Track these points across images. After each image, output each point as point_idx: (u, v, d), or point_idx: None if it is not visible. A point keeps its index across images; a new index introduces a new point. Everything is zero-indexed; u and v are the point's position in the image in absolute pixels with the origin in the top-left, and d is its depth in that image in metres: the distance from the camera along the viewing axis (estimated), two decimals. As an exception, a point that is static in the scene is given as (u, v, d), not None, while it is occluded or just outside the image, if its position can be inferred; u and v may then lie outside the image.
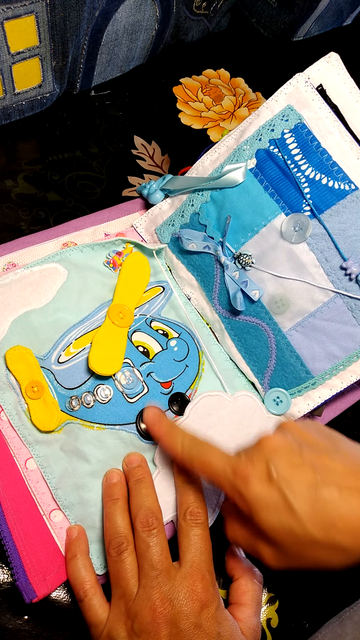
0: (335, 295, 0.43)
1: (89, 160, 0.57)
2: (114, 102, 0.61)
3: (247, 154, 0.45)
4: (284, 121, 0.44)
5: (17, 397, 0.42)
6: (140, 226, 0.51)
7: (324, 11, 0.67)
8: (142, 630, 0.33)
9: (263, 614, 0.42)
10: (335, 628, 0.40)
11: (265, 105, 0.44)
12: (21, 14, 0.44)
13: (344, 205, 0.42)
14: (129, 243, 0.49)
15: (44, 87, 0.53)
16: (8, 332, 0.43)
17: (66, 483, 0.40)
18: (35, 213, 0.52)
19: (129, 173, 0.57)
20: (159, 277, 0.50)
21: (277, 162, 0.44)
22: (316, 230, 0.43)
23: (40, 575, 0.37)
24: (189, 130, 0.62)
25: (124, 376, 0.44)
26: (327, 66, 0.43)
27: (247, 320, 0.46)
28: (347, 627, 0.40)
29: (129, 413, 0.43)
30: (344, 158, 0.42)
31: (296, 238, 0.43)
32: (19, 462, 0.41)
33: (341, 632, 0.40)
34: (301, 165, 0.43)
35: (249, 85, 0.68)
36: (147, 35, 0.58)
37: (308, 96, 0.43)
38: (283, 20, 0.68)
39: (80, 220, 0.51)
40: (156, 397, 0.44)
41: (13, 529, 0.38)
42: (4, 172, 0.53)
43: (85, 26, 0.51)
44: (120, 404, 0.43)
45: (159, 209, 0.50)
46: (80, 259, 0.47)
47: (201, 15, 0.63)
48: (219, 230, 0.47)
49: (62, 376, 0.43)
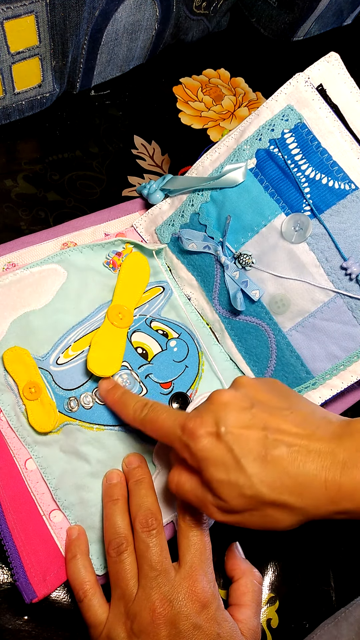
0: (336, 295, 0.43)
1: (88, 160, 0.57)
2: (114, 101, 0.61)
3: (247, 153, 0.45)
4: (284, 121, 0.44)
5: (15, 398, 0.42)
6: (140, 226, 0.51)
7: (324, 11, 0.67)
8: (142, 631, 0.33)
9: (263, 614, 0.42)
10: (331, 629, 0.40)
11: (265, 105, 0.44)
12: (21, 13, 0.44)
13: (344, 205, 0.42)
14: (129, 243, 0.49)
15: (43, 87, 0.53)
16: (7, 333, 0.43)
17: (66, 483, 0.40)
18: (35, 213, 0.52)
19: (129, 173, 0.57)
20: (159, 277, 0.50)
21: (277, 162, 0.44)
22: (316, 230, 0.42)
23: (40, 576, 0.37)
24: (189, 130, 0.62)
25: (121, 379, 0.44)
26: (327, 66, 0.43)
27: (247, 321, 0.46)
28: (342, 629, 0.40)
29: (129, 413, 0.43)
30: (344, 158, 0.42)
31: (296, 238, 0.43)
32: (19, 463, 0.41)
33: (337, 633, 0.40)
34: (301, 165, 0.43)
35: (249, 85, 0.68)
36: (147, 35, 0.58)
37: (308, 96, 0.43)
38: (283, 20, 0.68)
39: (80, 220, 0.51)
40: (156, 398, 0.44)
41: (13, 529, 0.38)
42: (4, 171, 0.53)
43: (85, 26, 0.51)
44: (120, 405, 0.43)
45: (159, 209, 0.50)
46: (80, 259, 0.47)
47: (201, 15, 0.63)
48: (219, 230, 0.47)
49: (60, 377, 0.43)
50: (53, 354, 0.44)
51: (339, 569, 0.45)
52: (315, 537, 0.46)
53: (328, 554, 0.45)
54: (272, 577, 0.43)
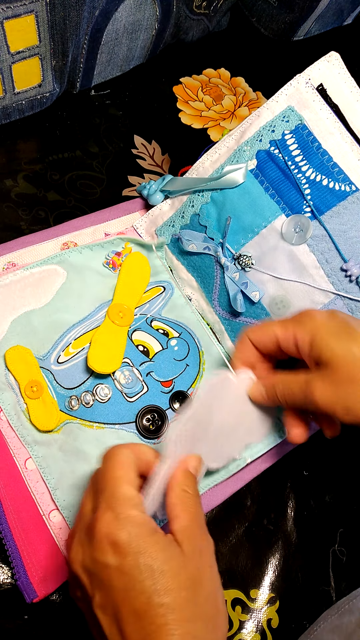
0: (336, 297, 0.43)
1: (89, 159, 0.57)
2: (114, 101, 0.61)
3: (248, 154, 0.45)
4: (285, 122, 0.44)
5: (16, 397, 0.42)
6: (141, 227, 0.51)
7: (324, 10, 0.67)
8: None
9: (263, 614, 0.42)
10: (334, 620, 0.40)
11: (265, 106, 0.44)
12: (21, 13, 0.44)
13: (345, 207, 0.42)
14: (128, 243, 0.49)
15: (43, 87, 0.52)
16: (8, 332, 0.43)
17: (65, 484, 0.40)
18: (35, 213, 0.52)
19: (129, 172, 0.57)
20: (160, 277, 0.50)
21: (278, 163, 0.44)
22: (317, 232, 0.42)
23: (41, 575, 0.38)
24: (189, 129, 0.62)
25: (123, 376, 0.44)
26: (327, 65, 0.43)
27: (247, 322, 0.46)
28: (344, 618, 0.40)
29: (129, 412, 0.43)
30: (345, 159, 0.42)
31: (297, 239, 0.43)
32: (19, 462, 0.41)
33: (339, 623, 0.40)
34: (302, 166, 0.43)
35: (249, 85, 0.68)
36: (147, 34, 0.58)
37: (309, 97, 0.43)
38: (283, 20, 0.67)
39: (80, 219, 0.51)
40: (156, 396, 0.44)
41: (14, 528, 0.38)
42: (4, 171, 0.53)
43: (85, 25, 0.51)
44: (120, 403, 0.43)
45: (159, 209, 0.50)
46: (79, 260, 0.47)
47: (201, 15, 0.63)
48: (219, 231, 0.47)
49: (61, 376, 0.43)
50: (54, 352, 0.44)
51: (339, 569, 0.45)
52: (315, 536, 0.46)
53: (328, 553, 0.45)
54: (272, 577, 0.43)
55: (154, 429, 0.43)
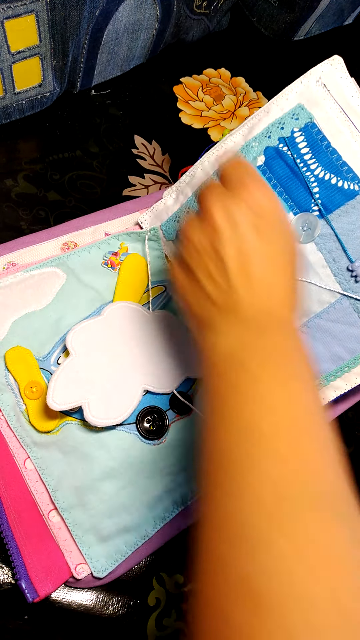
0: (342, 297, 0.42)
1: (89, 159, 0.57)
2: (114, 101, 0.61)
3: (256, 150, 0.44)
4: (294, 119, 0.43)
5: (16, 398, 0.42)
6: (145, 222, 0.51)
7: (324, 10, 0.67)
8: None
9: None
10: None
11: (274, 102, 0.44)
12: (21, 13, 0.44)
13: (353, 206, 0.42)
14: (124, 242, 0.49)
15: (44, 87, 0.52)
16: (8, 333, 0.43)
17: (65, 485, 0.40)
18: (36, 212, 0.52)
19: (129, 172, 0.57)
20: (162, 277, 0.50)
21: (286, 161, 0.43)
22: (324, 231, 0.42)
23: (42, 575, 0.37)
24: (190, 129, 0.62)
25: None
26: (330, 69, 0.43)
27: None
28: None
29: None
30: (354, 158, 0.42)
31: (304, 238, 0.43)
32: (18, 462, 0.41)
33: None
34: (310, 165, 0.43)
35: (249, 85, 0.68)
36: (147, 34, 0.58)
37: (319, 95, 0.42)
38: (284, 20, 0.67)
39: (80, 219, 0.51)
40: (157, 397, 0.44)
41: (15, 528, 0.38)
42: (4, 171, 0.53)
43: (86, 25, 0.51)
44: (121, 404, 0.43)
45: (164, 204, 0.50)
46: (78, 262, 0.47)
47: (202, 15, 0.63)
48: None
49: (61, 377, 0.43)
50: (54, 353, 0.44)
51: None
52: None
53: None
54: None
55: (155, 429, 0.43)
